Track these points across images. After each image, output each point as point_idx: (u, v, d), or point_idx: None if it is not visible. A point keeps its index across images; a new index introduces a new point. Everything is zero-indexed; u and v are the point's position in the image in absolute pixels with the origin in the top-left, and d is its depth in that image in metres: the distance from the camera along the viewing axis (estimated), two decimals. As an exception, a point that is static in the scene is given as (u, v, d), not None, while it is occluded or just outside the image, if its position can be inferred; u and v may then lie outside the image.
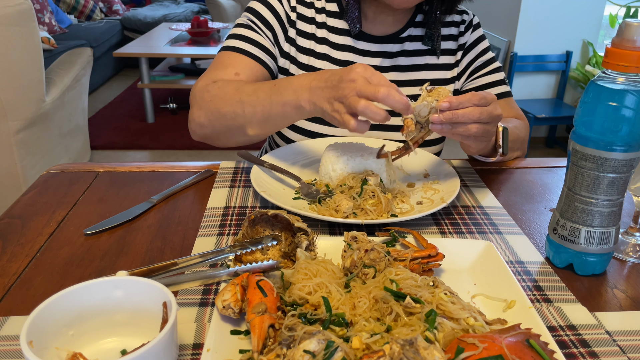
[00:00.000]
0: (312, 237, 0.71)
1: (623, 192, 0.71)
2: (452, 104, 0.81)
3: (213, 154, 3.68)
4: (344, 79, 0.82)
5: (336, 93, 0.83)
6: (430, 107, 0.82)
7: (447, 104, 0.81)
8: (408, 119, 0.84)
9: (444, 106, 0.81)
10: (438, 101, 0.82)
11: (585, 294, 0.71)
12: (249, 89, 0.97)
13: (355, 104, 0.79)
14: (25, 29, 2.25)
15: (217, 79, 1.04)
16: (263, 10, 1.12)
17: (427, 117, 0.83)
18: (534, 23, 3.63)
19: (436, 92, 0.84)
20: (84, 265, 0.75)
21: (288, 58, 1.14)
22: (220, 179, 1.01)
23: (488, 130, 0.86)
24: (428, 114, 0.83)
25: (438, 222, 0.87)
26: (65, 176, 1.02)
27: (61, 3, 5.42)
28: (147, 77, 4.10)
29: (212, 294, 0.69)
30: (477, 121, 0.82)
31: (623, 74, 0.66)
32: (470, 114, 0.81)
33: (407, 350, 0.48)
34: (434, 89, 0.85)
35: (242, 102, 0.95)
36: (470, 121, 0.82)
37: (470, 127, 0.83)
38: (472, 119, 0.82)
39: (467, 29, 1.19)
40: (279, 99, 0.92)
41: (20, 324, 0.63)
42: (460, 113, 0.81)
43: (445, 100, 0.81)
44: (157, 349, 0.49)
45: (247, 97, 0.95)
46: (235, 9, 5.66)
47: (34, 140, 2.48)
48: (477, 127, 0.83)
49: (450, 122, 0.82)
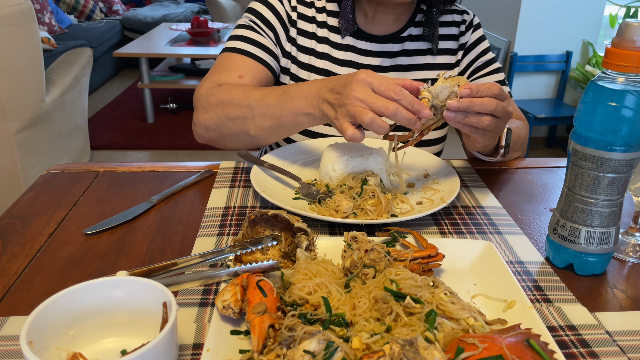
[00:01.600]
0: (312, 237, 0.71)
1: (623, 192, 0.71)
2: (472, 91, 0.80)
3: (213, 154, 3.68)
4: (348, 85, 0.82)
5: (339, 99, 0.83)
6: (451, 92, 0.80)
7: (467, 90, 0.80)
8: (425, 99, 0.81)
9: (464, 93, 0.80)
10: (459, 86, 0.80)
11: (585, 294, 0.71)
12: (257, 94, 0.96)
13: (362, 116, 0.79)
14: (25, 29, 2.25)
15: (222, 81, 1.04)
16: (264, 11, 1.12)
17: (444, 101, 0.81)
18: (534, 23, 3.63)
19: (456, 78, 0.82)
20: (84, 265, 0.75)
21: (289, 58, 1.14)
22: (220, 179, 1.01)
23: (498, 126, 0.85)
24: (446, 98, 0.81)
25: (438, 222, 0.87)
26: (65, 176, 1.02)
27: (61, 3, 5.42)
28: (147, 77, 4.09)
29: (212, 294, 0.69)
30: (491, 113, 0.81)
31: (623, 74, 0.66)
32: (487, 104, 0.80)
33: (407, 350, 0.48)
34: (451, 75, 0.83)
35: (251, 107, 0.95)
36: (485, 112, 0.81)
37: (484, 118, 0.82)
38: (488, 109, 0.80)
39: (468, 29, 1.19)
40: (290, 105, 0.92)
41: (20, 324, 0.63)
42: (478, 102, 0.80)
43: (466, 86, 0.80)
44: (157, 349, 0.49)
45: (256, 102, 0.95)
46: (235, 9, 5.66)
47: (34, 140, 2.48)
48: (489, 120, 0.82)
49: (467, 109, 0.80)
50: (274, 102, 0.94)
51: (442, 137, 1.21)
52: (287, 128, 0.95)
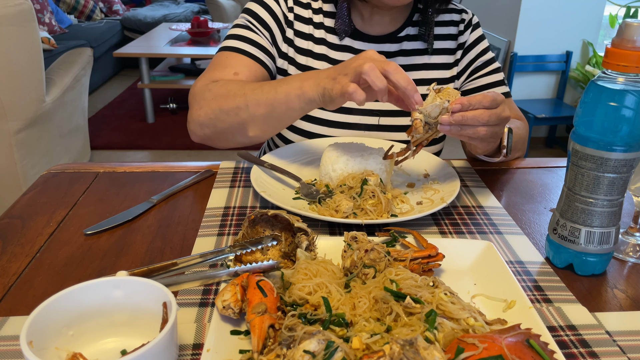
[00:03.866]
0: (312, 237, 0.71)
1: (623, 192, 0.71)
2: (463, 105, 0.80)
3: (213, 154, 3.68)
4: (354, 58, 0.83)
5: (343, 68, 0.84)
6: (442, 108, 0.81)
7: (459, 105, 0.80)
8: (417, 120, 0.82)
9: (456, 108, 0.80)
10: (450, 102, 0.81)
11: (585, 294, 0.71)
12: (254, 85, 0.97)
13: (362, 66, 0.80)
14: (25, 29, 2.25)
15: (217, 78, 1.04)
16: (260, 11, 1.12)
17: (437, 118, 0.82)
18: (534, 23, 3.63)
19: (446, 92, 0.83)
20: (84, 265, 0.75)
21: (286, 59, 1.14)
22: (220, 179, 1.01)
23: (496, 132, 0.86)
24: (438, 115, 0.82)
25: (438, 222, 0.87)
26: (65, 176, 1.02)
27: (61, 3, 5.42)
28: (147, 77, 4.09)
29: (212, 294, 0.69)
30: (485, 124, 0.82)
31: (623, 74, 0.66)
32: (479, 117, 0.81)
33: (407, 350, 0.48)
34: (442, 89, 0.84)
35: (246, 95, 0.95)
36: (479, 124, 0.82)
37: (479, 129, 0.83)
38: (481, 122, 0.81)
39: (467, 29, 1.19)
40: (283, 88, 0.92)
41: (20, 324, 0.63)
42: (470, 116, 0.81)
43: (457, 101, 0.80)
44: (157, 349, 0.49)
45: (252, 91, 0.95)
46: (235, 9, 5.66)
47: (34, 140, 2.48)
48: (485, 130, 0.83)
49: (460, 124, 0.81)
50: (269, 89, 0.94)
51: (442, 137, 1.21)
52: (280, 115, 0.94)
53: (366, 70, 0.79)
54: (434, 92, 0.83)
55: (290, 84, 0.92)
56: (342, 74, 0.84)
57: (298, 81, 0.91)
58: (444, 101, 0.81)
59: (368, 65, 0.79)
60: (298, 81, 0.91)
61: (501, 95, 0.85)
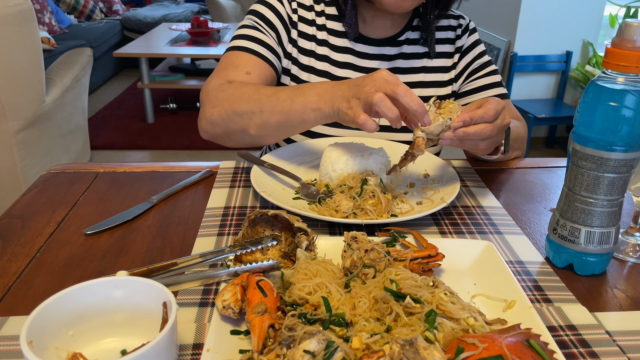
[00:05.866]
0: (312, 237, 0.71)
1: (623, 192, 0.71)
2: (465, 122, 0.81)
3: (213, 154, 3.68)
4: (367, 79, 0.83)
5: (356, 91, 0.84)
6: (445, 126, 0.81)
7: (461, 123, 0.81)
8: (419, 139, 0.82)
9: (458, 125, 0.81)
10: (452, 120, 0.81)
11: (585, 294, 0.71)
12: (269, 90, 0.96)
13: (372, 96, 0.80)
14: (25, 29, 2.25)
15: (231, 78, 1.04)
16: (266, 12, 1.13)
17: (439, 135, 0.82)
18: (534, 23, 3.63)
19: (447, 108, 0.83)
20: (84, 265, 0.75)
21: (290, 59, 1.15)
22: (220, 179, 1.01)
23: (497, 141, 0.88)
24: (440, 132, 0.82)
25: (438, 222, 0.88)
26: (65, 176, 1.02)
27: (61, 3, 5.42)
28: (147, 77, 4.09)
29: (212, 294, 0.69)
30: (487, 138, 0.83)
31: (623, 74, 0.66)
32: (481, 132, 0.81)
33: (407, 350, 0.48)
34: (442, 104, 0.84)
35: (261, 101, 0.95)
36: (480, 139, 0.83)
37: (480, 143, 0.84)
38: (482, 137, 0.82)
39: (464, 33, 1.21)
40: (301, 99, 0.91)
41: (20, 324, 0.63)
42: (472, 131, 0.81)
43: (459, 119, 0.81)
44: (157, 349, 0.49)
45: (267, 97, 0.95)
46: (235, 9, 5.66)
47: (34, 140, 2.48)
48: (485, 143, 0.85)
49: (461, 140, 0.82)
50: (285, 97, 0.93)
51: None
52: (294, 125, 0.94)
53: (376, 102, 0.79)
54: (434, 107, 0.83)
55: (307, 96, 0.91)
56: (355, 97, 0.83)
57: (315, 94, 0.90)
58: (447, 120, 0.81)
59: (378, 97, 0.79)
60: (315, 94, 0.90)
61: (501, 103, 0.85)
